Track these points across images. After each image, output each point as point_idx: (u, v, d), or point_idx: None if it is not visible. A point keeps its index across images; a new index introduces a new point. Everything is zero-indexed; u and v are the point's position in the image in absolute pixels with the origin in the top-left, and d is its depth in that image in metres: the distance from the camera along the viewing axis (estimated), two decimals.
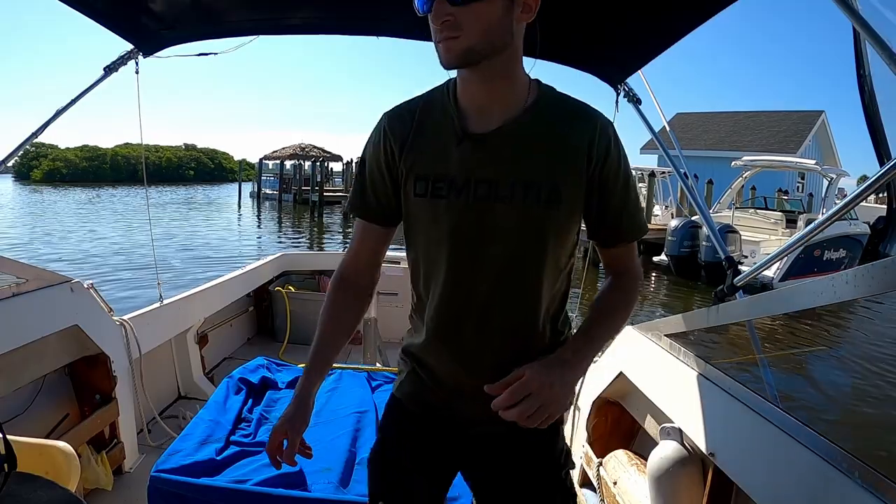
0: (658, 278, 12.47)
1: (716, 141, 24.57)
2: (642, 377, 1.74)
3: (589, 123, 0.92)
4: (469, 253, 0.91)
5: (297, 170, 32.62)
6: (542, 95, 0.94)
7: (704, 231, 9.34)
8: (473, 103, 0.92)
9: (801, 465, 1.03)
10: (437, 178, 0.91)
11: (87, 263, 11.80)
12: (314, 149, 29.87)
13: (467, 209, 0.89)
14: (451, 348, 0.97)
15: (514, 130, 0.89)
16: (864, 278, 0.90)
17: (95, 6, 1.85)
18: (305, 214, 25.92)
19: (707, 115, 27.32)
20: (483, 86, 0.90)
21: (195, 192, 45.30)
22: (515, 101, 0.91)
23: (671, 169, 9.63)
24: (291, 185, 31.71)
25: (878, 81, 1.22)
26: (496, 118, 0.90)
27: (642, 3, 1.66)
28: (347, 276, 1.08)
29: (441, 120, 0.93)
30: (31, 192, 42.14)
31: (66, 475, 1.39)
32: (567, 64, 2.18)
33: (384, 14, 2.03)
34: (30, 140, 2.02)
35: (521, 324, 0.94)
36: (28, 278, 1.87)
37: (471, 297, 0.93)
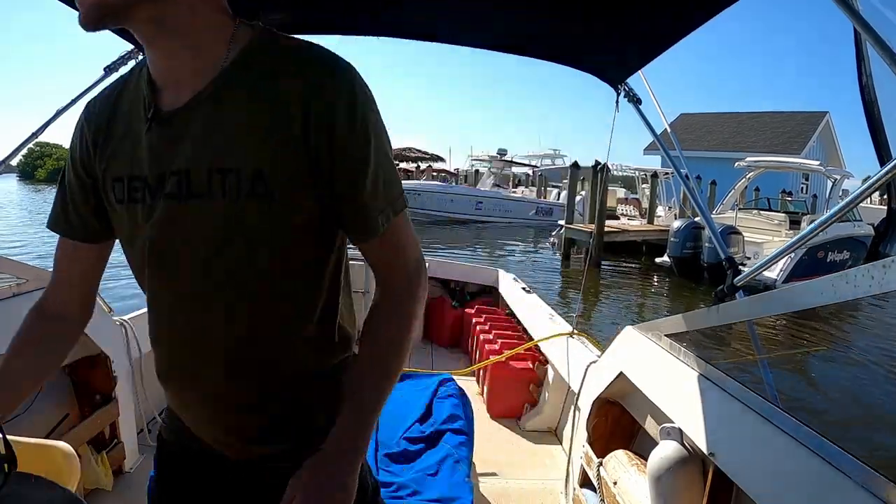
0: (661, 280, 12.47)
1: (720, 142, 24.60)
2: (642, 377, 1.75)
3: (307, 76, 0.67)
4: (169, 272, 0.73)
5: None
6: (251, 49, 0.69)
7: (707, 232, 9.35)
8: (162, 73, 0.70)
9: (802, 466, 1.03)
10: (133, 177, 0.72)
11: None
12: None
13: (161, 213, 0.70)
14: (183, 395, 0.81)
15: (205, 102, 0.68)
16: (864, 278, 0.91)
17: None
18: None
19: (711, 115, 27.35)
20: (160, 48, 0.68)
21: None
22: (212, 62, 0.68)
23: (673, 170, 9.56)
24: None
25: (879, 82, 1.22)
26: (187, 89, 0.68)
27: (642, 4, 1.66)
28: (48, 308, 0.86)
29: (135, 100, 0.73)
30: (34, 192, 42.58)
31: (67, 475, 1.39)
32: (567, 64, 2.18)
33: (385, 15, 2.03)
34: (30, 140, 2.03)
35: (260, 358, 0.75)
36: (28, 278, 1.87)
37: (188, 332, 0.74)
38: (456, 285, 4.95)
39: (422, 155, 32.77)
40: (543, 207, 23.37)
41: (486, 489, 2.41)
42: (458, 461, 1.53)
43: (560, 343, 2.84)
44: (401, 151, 32.67)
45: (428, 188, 23.84)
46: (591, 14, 1.77)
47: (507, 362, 3.24)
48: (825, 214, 1.28)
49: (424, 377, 2.09)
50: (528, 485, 2.50)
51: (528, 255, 15.99)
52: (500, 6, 1.84)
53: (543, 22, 1.91)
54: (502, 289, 4.55)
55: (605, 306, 10.13)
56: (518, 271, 12.75)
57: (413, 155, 32.67)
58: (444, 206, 22.60)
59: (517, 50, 2.15)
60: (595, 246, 12.90)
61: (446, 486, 1.41)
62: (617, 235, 14.31)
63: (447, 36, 2.11)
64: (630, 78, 2.15)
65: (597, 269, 12.64)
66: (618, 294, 11.25)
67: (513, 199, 24.16)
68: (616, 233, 14.39)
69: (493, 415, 3.22)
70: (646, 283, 12.57)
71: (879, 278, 0.88)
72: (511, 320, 4.07)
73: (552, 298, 9.65)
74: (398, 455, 1.58)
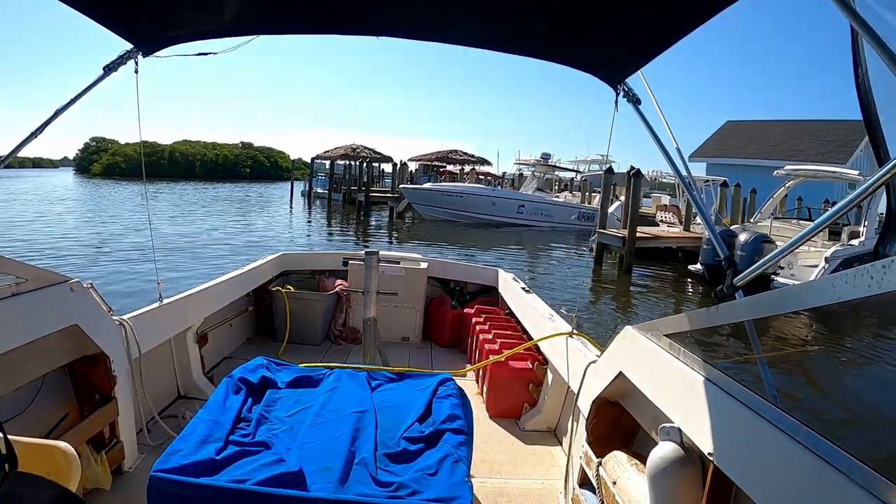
0: (693, 287, 12.54)
1: (765, 150, 24.44)
2: (642, 377, 1.75)
3: None
4: None
5: (347, 170, 33.63)
6: None
7: (740, 240, 9.31)
8: None
9: (801, 466, 1.03)
10: None
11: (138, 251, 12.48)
12: (365, 149, 30.81)
13: None
14: None
15: None
16: (863, 278, 0.90)
17: (95, 6, 1.86)
18: (353, 213, 27.09)
19: (756, 123, 27.27)
20: None
21: (249, 190, 47.44)
22: None
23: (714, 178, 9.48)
24: (341, 184, 32.63)
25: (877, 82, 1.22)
26: None
27: (642, 4, 1.66)
28: None
29: None
30: (92, 186, 44.52)
31: (67, 475, 1.39)
32: (567, 64, 2.18)
33: (385, 14, 2.03)
34: (30, 139, 2.02)
35: None
36: (28, 278, 1.87)
37: None
38: (456, 285, 4.95)
39: (467, 158, 33.01)
40: (586, 212, 23.41)
41: (485, 489, 2.41)
42: (458, 461, 1.53)
43: (560, 343, 2.84)
44: (446, 154, 33.04)
45: (471, 191, 24.08)
46: (591, 14, 1.77)
47: (506, 362, 3.24)
48: (823, 216, 1.28)
49: (424, 377, 2.09)
50: (527, 485, 2.50)
51: (562, 259, 16.27)
52: (500, 6, 1.84)
53: (543, 22, 1.91)
54: (502, 289, 4.55)
55: (631, 311, 10.24)
56: (551, 274, 13.25)
57: (458, 158, 32.97)
58: (486, 208, 22.81)
59: (517, 49, 2.15)
60: (627, 251, 13.00)
61: (446, 486, 1.41)
62: (650, 241, 14.38)
63: (448, 36, 2.11)
64: (630, 78, 2.15)
65: (629, 275, 12.78)
66: (646, 300, 11.37)
67: (555, 204, 24.29)
68: (649, 239, 14.46)
69: (493, 415, 3.22)
70: (677, 289, 12.61)
71: (879, 278, 0.88)
72: (511, 320, 4.07)
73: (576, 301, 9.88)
74: (397, 454, 1.57)
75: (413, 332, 4.62)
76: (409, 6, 1.95)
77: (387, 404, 1.87)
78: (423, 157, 34.81)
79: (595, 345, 2.63)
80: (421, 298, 4.61)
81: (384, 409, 1.83)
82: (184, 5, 1.98)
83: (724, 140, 26.98)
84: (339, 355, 4.04)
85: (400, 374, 2.13)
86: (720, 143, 27.00)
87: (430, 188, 24.70)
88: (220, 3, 2.00)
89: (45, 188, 39.06)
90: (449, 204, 23.13)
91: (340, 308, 4.57)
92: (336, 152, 31.72)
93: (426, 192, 24.05)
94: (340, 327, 4.54)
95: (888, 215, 1.39)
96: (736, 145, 24.83)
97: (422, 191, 24.44)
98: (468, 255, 15.53)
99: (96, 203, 28.11)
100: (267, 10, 2.02)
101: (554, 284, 11.80)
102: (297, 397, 1.89)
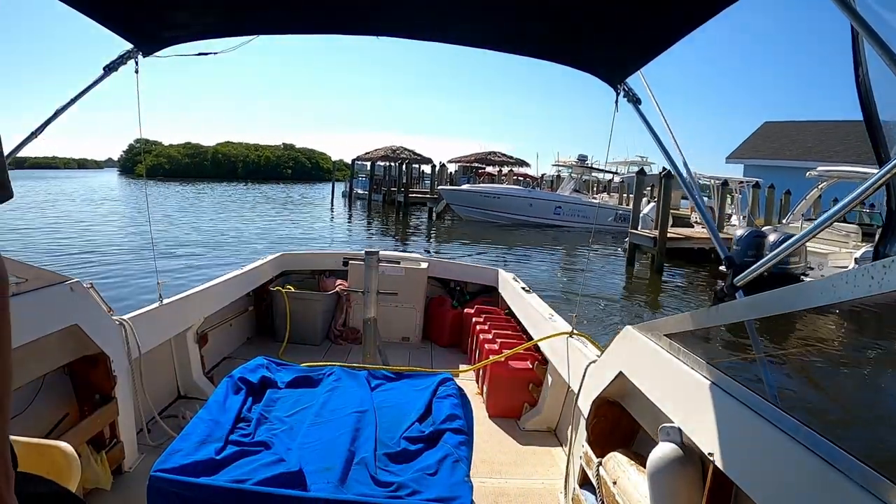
0: None
1: (802, 151, 24.28)
2: (642, 377, 1.74)
3: None
4: None
5: (387, 171, 34.05)
6: None
7: (770, 240, 9.34)
8: None
9: (801, 466, 1.03)
10: None
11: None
12: (405, 151, 31.37)
13: None
14: None
15: None
16: (864, 278, 0.90)
17: (95, 6, 1.86)
18: (392, 214, 27.67)
19: (793, 124, 27.19)
20: None
21: (291, 191, 48.62)
22: None
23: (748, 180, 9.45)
24: (381, 185, 33.05)
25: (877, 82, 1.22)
26: None
27: (642, 4, 1.66)
28: None
29: None
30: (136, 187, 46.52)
31: (67, 475, 1.39)
32: (567, 64, 2.18)
33: (385, 14, 2.03)
34: (30, 139, 2.03)
35: None
36: (28, 278, 1.87)
37: None
38: (456, 285, 4.95)
39: (506, 160, 33.23)
40: (623, 214, 23.38)
41: (485, 489, 2.41)
42: (458, 461, 1.52)
43: (560, 343, 2.84)
44: (485, 156, 33.32)
45: (508, 192, 24.29)
46: (591, 14, 1.77)
47: (506, 362, 3.24)
48: (822, 216, 1.28)
49: (424, 377, 2.09)
50: (527, 484, 2.50)
51: (595, 259, 16.51)
52: (500, 6, 1.84)
53: (543, 22, 1.91)
54: (502, 288, 4.55)
55: (659, 312, 10.33)
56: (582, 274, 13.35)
57: (497, 159, 33.26)
58: (523, 210, 23.01)
59: (517, 49, 2.15)
60: (658, 251, 13.11)
61: (446, 486, 1.41)
62: (681, 242, 14.47)
63: (448, 36, 2.10)
64: (630, 78, 2.15)
65: (659, 276, 12.91)
66: (674, 300, 11.48)
67: (592, 205, 24.34)
68: (680, 239, 14.55)
69: (493, 414, 3.22)
70: (706, 290, 12.64)
71: (879, 278, 0.88)
72: (511, 320, 4.07)
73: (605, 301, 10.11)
74: (397, 454, 1.57)
75: (413, 332, 4.62)
76: (409, 6, 1.95)
77: (387, 404, 1.87)
78: (462, 158, 35.26)
79: (595, 345, 2.63)
80: (421, 298, 4.61)
81: (384, 408, 1.83)
82: (184, 5, 1.98)
83: (762, 142, 26.92)
84: (339, 355, 4.04)
85: (400, 374, 2.13)
86: (758, 145, 26.93)
87: (468, 189, 25.06)
88: (220, 3, 2.00)
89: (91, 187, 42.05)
90: (486, 205, 23.46)
91: (340, 308, 4.57)
92: (376, 154, 32.33)
93: (464, 194, 24.43)
94: (340, 327, 4.54)
95: (888, 215, 1.39)
96: (774, 147, 24.72)
97: (460, 192, 24.84)
98: (506, 254, 15.96)
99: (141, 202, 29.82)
100: (267, 10, 2.02)
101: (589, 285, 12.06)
102: (297, 397, 1.89)
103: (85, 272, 9.89)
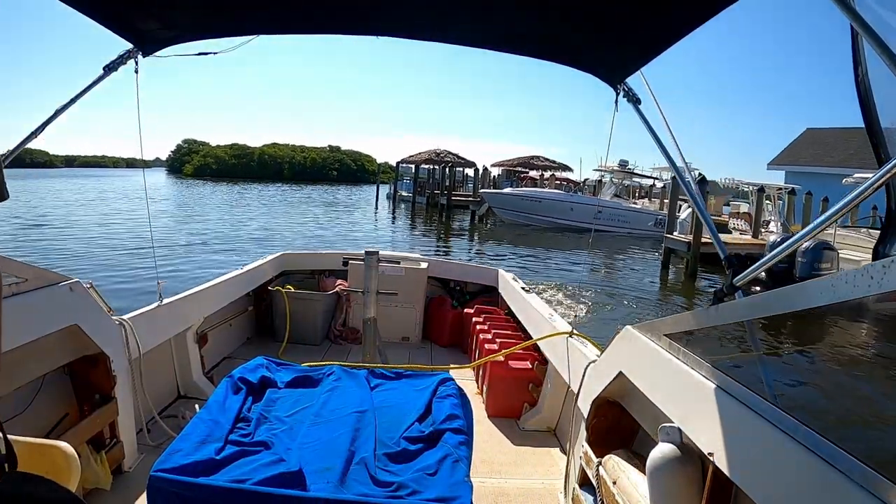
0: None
1: (844, 158, 24.12)
2: (642, 377, 1.74)
3: None
4: None
5: (430, 174, 34.69)
6: None
7: (802, 246, 9.39)
8: None
9: (801, 466, 1.03)
10: None
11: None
12: (448, 154, 32.08)
13: None
14: None
15: None
16: (863, 278, 0.90)
17: (95, 6, 1.86)
18: (435, 216, 28.53)
19: (836, 131, 27.06)
20: None
21: (336, 192, 50.02)
22: None
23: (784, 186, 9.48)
24: (425, 188, 33.68)
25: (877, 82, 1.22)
26: None
27: (642, 4, 1.66)
28: None
29: None
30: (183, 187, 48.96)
31: (67, 475, 1.39)
32: (567, 64, 2.18)
33: (385, 14, 2.03)
34: (30, 139, 2.03)
35: None
36: (27, 278, 1.87)
37: None
38: (456, 285, 4.95)
39: (548, 164, 33.74)
40: (662, 219, 23.48)
41: (485, 489, 2.41)
42: (458, 461, 1.52)
43: (559, 343, 2.84)
44: (528, 160, 33.87)
45: (549, 196, 24.67)
46: (591, 14, 1.77)
47: (506, 362, 3.24)
48: (820, 218, 1.28)
49: (424, 377, 2.09)
50: (527, 484, 2.50)
51: (632, 263, 16.88)
52: (501, 6, 1.84)
53: (543, 22, 1.91)
54: (502, 288, 4.55)
55: None
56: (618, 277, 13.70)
57: (539, 164, 33.78)
58: (564, 213, 23.32)
59: (517, 49, 2.15)
60: (692, 256, 13.29)
61: (446, 486, 1.41)
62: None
63: (448, 36, 2.11)
64: (630, 78, 2.15)
65: (692, 281, 13.10)
66: (700, 304, 11.55)
67: (632, 210, 24.61)
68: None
69: (493, 414, 3.22)
70: None
71: (879, 278, 0.88)
72: (510, 320, 4.07)
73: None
74: (397, 454, 1.57)
75: (413, 332, 4.62)
76: (409, 6, 1.95)
77: (386, 404, 1.87)
78: (505, 162, 35.90)
79: (595, 345, 2.63)
80: (421, 298, 4.61)
81: (384, 408, 1.83)
82: (184, 5, 1.98)
83: (804, 148, 26.88)
84: (339, 355, 4.04)
85: (400, 374, 2.13)
86: (799, 152, 26.86)
87: (510, 193, 25.43)
88: (220, 3, 2.00)
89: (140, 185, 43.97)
90: (528, 209, 23.83)
91: (340, 308, 4.57)
92: (421, 157, 33.06)
93: (506, 197, 24.84)
94: (340, 327, 4.54)
95: (888, 215, 1.39)
96: (816, 153, 24.62)
97: (502, 195, 25.28)
98: (548, 257, 16.34)
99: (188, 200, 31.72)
100: (267, 10, 2.02)
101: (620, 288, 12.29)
102: (296, 397, 1.89)
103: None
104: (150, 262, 9.56)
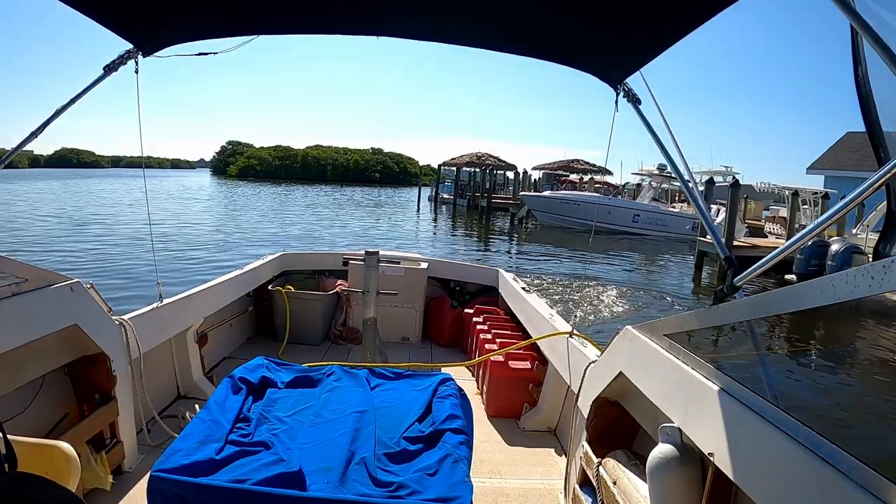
0: None
1: None
2: (642, 377, 1.74)
3: None
4: None
5: (472, 177, 35.29)
6: None
7: (832, 250, 9.39)
8: None
9: (801, 466, 1.03)
10: None
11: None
12: (489, 157, 32.47)
13: None
14: None
15: None
16: (863, 278, 0.90)
17: (94, 6, 1.86)
18: (475, 218, 29.05)
19: None
20: None
21: (379, 194, 50.71)
22: None
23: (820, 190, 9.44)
24: (466, 190, 34.29)
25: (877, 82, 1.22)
26: None
27: (642, 4, 1.66)
28: None
29: None
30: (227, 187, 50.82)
31: (66, 475, 1.39)
32: (567, 64, 2.18)
33: (385, 14, 2.03)
34: (31, 139, 2.03)
35: None
36: (28, 278, 1.87)
37: None
38: (456, 285, 4.95)
39: (588, 167, 33.95)
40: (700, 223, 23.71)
41: (485, 489, 2.41)
42: (458, 461, 1.52)
43: (559, 343, 2.84)
44: (568, 163, 34.13)
45: (588, 199, 24.78)
46: (590, 14, 1.77)
47: (506, 362, 3.24)
48: (819, 218, 1.28)
49: (424, 377, 2.09)
50: (527, 485, 2.50)
51: (666, 265, 17.17)
52: (501, 6, 1.84)
53: (543, 22, 1.91)
54: (502, 288, 4.55)
55: None
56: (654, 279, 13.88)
57: (580, 167, 33.97)
58: (602, 217, 23.36)
59: (517, 50, 2.15)
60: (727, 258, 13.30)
61: (446, 486, 1.41)
62: (748, 251, 14.77)
63: (448, 36, 2.11)
64: (630, 78, 2.15)
65: (723, 282, 13.10)
66: None
67: (670, 214, 24.66)
68: (747, 248, 14.94)
69: (493, 414, 3.22)
70: None
71: (879, 278, 0.88)
72: (511, 320, 4.07)
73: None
74: (397, 454, 1.57)
75: (413, 332, 4.62)
76: (409, 6, 1.95)
77: (386, 404, 1.87)
78: (545, 165, 36.15)
79: (595, 345, 2.63)
80: (421, 298, 4.61)
81: (384, 408, 1.83)
82: (184, 5, 1.98)
83: (844, 152, 26.78)
84: (339, 355, 4.04)
85: (399, 374, 2.13)
86: (839, 156, 26.75)
87: (550, 196, 25.71)
88: (220, 3, 2.00)
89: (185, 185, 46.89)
90: (567, 211, 24.00)
91: (340, 308, 4.57)
92: (462, 160, 33.53)
93: (545, 200, 25.16)
94: (340, 327, 4.54)
95: (888, 215, 1.39)
96: (855, 157, 24.39)
97: (541, 198, 25.63)
98: (585, 260, 16.61)
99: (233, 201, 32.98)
100: (267, 10, 2.03)
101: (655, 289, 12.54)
102: (296, 397, 1.89)
103: None
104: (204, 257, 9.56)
